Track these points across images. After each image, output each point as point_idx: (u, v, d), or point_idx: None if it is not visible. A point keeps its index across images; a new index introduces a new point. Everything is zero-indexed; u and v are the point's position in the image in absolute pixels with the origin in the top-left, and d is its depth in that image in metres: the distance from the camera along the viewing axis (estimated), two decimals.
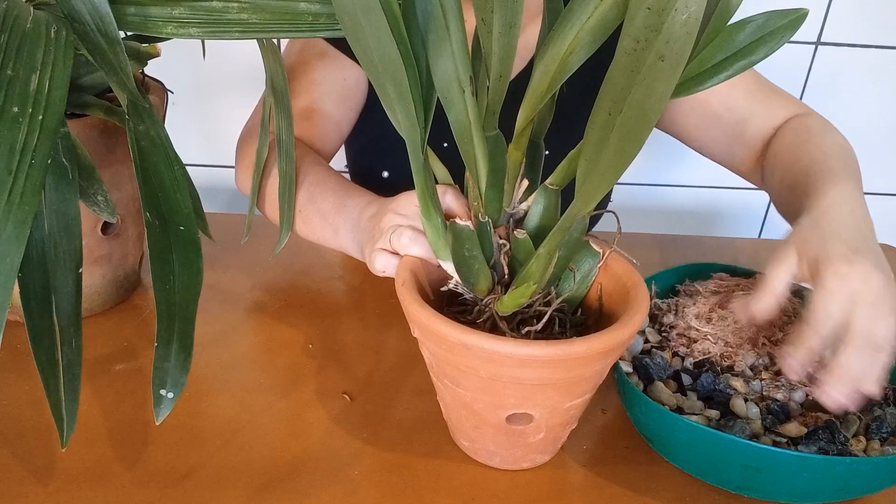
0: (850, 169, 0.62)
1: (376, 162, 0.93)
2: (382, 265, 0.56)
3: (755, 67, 0.49)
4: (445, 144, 0.69)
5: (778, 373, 0.56)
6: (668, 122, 0.84)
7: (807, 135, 0.71)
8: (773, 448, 0.47)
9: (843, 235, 0.51)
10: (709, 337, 0.58)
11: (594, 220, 1.00)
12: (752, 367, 0.56)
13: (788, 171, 0.68)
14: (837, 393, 0.47)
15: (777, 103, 0.77)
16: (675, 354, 0.58)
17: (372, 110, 0.87)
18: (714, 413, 0.53)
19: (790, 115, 0.76)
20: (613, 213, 0.53)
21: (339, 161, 0.96)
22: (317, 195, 0.70)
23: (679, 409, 0.54)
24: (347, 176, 1.01)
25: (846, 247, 0.49)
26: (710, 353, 0.57)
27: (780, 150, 0.72)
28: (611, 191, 0.99)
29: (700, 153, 0.85)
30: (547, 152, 0.53)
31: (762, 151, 0.76)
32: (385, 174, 0.93)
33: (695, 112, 0.80)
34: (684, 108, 0.81)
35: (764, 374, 0.56)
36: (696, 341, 0.58)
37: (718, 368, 0.56)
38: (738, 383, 0.54)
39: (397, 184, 0.79)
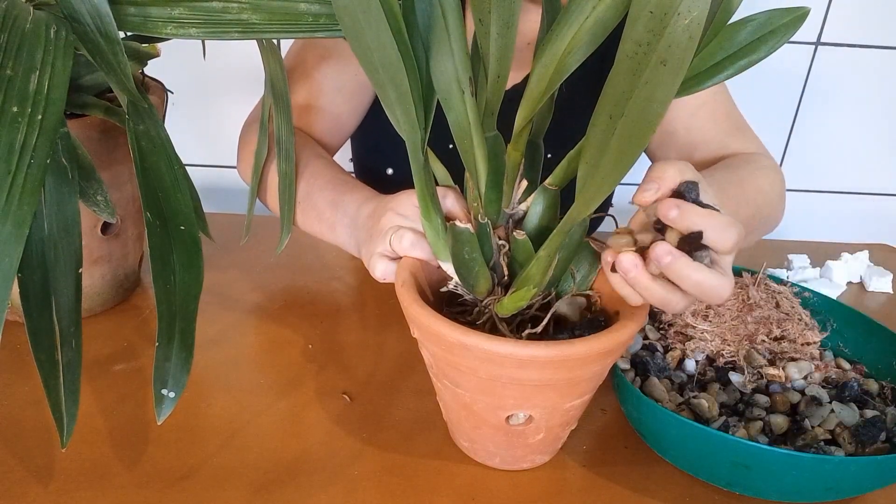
0: (761, 210, 0.66)
1: (381, 159, 0.93)
2: (383, 273, 0.55)
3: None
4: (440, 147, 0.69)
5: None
6: None
7: (751, 164, 0.68)
8: (762, 445, 0.47)
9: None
10: (706, 334, 0.58)
11: (595, 221, 1.00)
12: (750, 364, 0.57)
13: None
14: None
15: (737, 138, 0.74)
16: (669, 350, 0.59)
17: (378, 107, 0.87)
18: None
19: (745, 151, 0.73)
20: (612, 217, 0.53)
21: (344, 155, 0.96)
22: (314, 189, 0.70)
23: (687, 404, 0.54)
24: (352, 170, 1.01)
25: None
26: (707, 349, 0.58)
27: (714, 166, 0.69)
28: (612, 193, 0.98)
29: None
30: (549, 155, 0.53)
31: None
32: (389, 171, 0.93)
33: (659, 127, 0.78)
34: None
35: (765, 370, 0.56)
36: (692, 338, 0.59)
37: (716, 364, 0.57)
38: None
39: (401, 181, 0.78)
